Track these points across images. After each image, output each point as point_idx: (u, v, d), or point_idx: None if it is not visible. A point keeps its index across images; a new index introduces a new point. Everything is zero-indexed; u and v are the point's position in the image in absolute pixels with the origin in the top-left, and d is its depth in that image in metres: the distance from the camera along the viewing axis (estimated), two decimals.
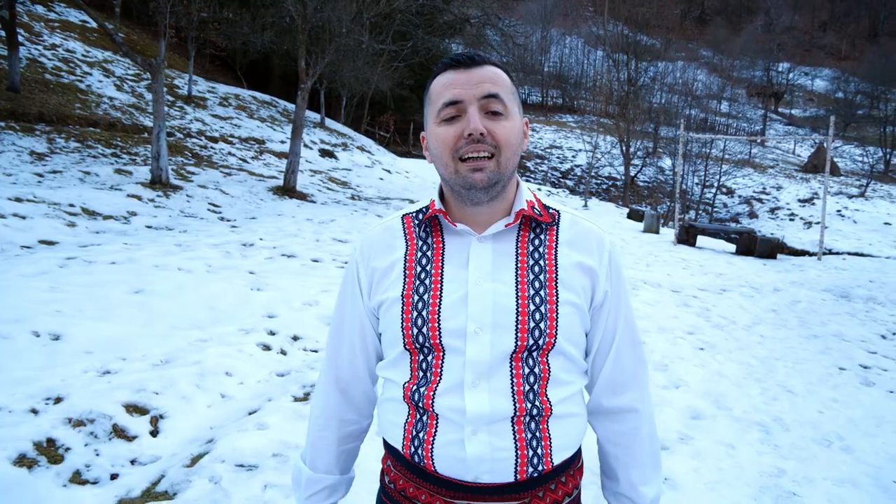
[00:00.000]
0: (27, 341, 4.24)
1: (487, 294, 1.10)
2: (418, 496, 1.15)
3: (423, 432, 1.12)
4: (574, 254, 1.16)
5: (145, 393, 3.77)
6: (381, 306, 1.19)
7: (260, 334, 4.96)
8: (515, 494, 1.10)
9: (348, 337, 1.28)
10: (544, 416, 1.10)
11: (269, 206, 10.46)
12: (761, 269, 11.18)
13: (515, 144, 1.11)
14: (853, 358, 5.87)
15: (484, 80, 1.09)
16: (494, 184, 1.09)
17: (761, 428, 4.14)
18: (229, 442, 3.22)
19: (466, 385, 1.08)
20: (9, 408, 3.45)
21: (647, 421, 1.25)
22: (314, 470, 1.30)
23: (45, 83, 14.02)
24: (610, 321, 1.20)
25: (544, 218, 1.17)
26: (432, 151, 1.15)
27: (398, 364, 1.17)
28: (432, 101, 1.14)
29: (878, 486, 3.48)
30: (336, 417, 1.30)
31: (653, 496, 1.24)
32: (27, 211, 7.21)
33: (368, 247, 1.24)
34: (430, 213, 1.17)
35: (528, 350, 1.09)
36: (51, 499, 2.87)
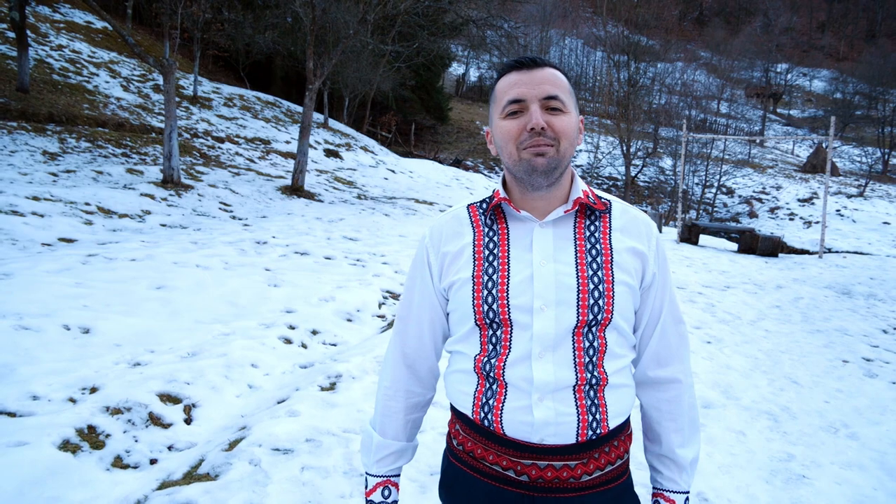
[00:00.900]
0: (58, 334, 4.37)
1: (551, 274, 1.22)
2: (486, 457, 1.26)
3: (492, 399, 1.24)
4: (626, 239, 1.28)
5: (177, 383, 3.91)
6: (451, 287, 1.31)
7: (280, 328, 5.10)
8: (575, 455, 1.22)
9: (416, 316, 1.40)
10: (601, 386, 1.22)
11: (278, 205, 10.60)
12: (763, 266, 11.33)
13: (572, 136, 1.24)
14: (856, 351, 6.02)
15: (545, 81, 1.22)
16: (553, 169, 1.22)
17: (770, 416, 4.29)
18: (264, 428, 3.36)
19: (534, 356, 1.20)
20: (48, 397, 3.59)
21: (687, 390, 1.37)
22: (383, 436, 1.42)
23: (53, 84, 14.15)
24: (657, 300, 1.32)
25: (598, 206, 1.29)
26: (497, 143, 1.28)
27: (469, 339, 1.29)
28: (497, 98, 1.27)
29: (883, 469, 3.63)
30: (403, 389, 1.43)
31: (692, 458, 1.36)
32: (45, 209, 7.35)
33: (438, 234, 1.36)
34: (496, 201, 1.29)
35: (588, 325, 1.21)
36: (96, 481, 3.01)
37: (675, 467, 1.36)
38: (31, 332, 4.26)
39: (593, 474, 1.24)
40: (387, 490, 1.42)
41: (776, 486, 3.35)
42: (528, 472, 1.22)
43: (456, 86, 55.61)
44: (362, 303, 6.06)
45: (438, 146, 37.44)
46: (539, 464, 1.22)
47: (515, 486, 1.24)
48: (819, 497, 3.26)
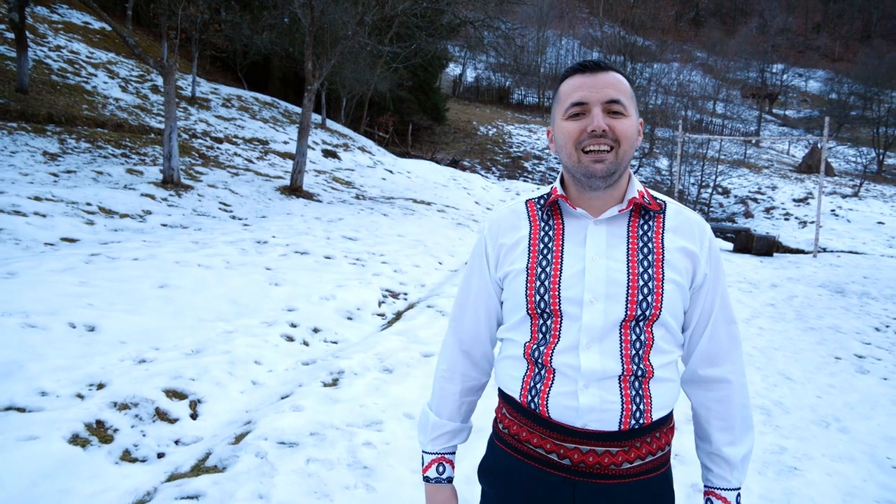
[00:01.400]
0: (64, 332, 4.44)
1: (602, 269, 1.27)
2: (530, 440, 1.31)
3: (540, 384, 1.29)
4: (678, 239, 1.32)
5: (182, 380, 3.99)
6: (506, 277, 1.37)
7: (282, 326, 5.18)
8: (617, 442, 1.26)
9: (473, 304, 1.46)
10: (647, 378, 1.27)
11: (277, 205, 10.67)
12: (758, 265, 11.44)
13: (632, 139, 1.28)
14: (848, 348, 6.12)
15: (608, 85, 1.27)
16: (612, 173, 1.26)
17: (763, 411, 4.38)
18: (269, 422, 3.44)
19: (581, 346, 1.25)
20: (56, 393, 3.66)
21: (738, 390, 1.39)
22: (439, 416, 1.49)
23: (52, 84, 14.19)
24: (708, 300, 1.35)
25: (653, 206, 1.33)
26: (557, 142, 1.33)
27: (520, 327, 1.34)
28: (561, 100, 1.32)
29: (873, 462, 3.72)
30: (459, 373, 1.50)
31: (742, 455, 1.38)
32: (47, 210, 7.41)
33: (496, 226, 1.42)
34: (553, 198, 1.35)
35: (635, 319, 1.26)
36: (106, 474, 3.08)
37: (725, 465, 1.38)
38: (37, 330, 4.33)
39: (634, 463, 1.28)
40: (441, 466, 1.48)
41: (768, 477, 3.44)
42: (570, 455, 1.27)
43: (453, 86, 55.74)
44: (362, 301, 6.14)
45: (436, 146, 37.53)
46: (581, 448, 1.26)
47: (557, 470, 1.28)
48: (810, 488, 3.35)
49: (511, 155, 38.91)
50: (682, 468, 3.41)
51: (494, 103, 56.02)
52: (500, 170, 35.89)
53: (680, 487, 3.19)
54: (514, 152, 39.35)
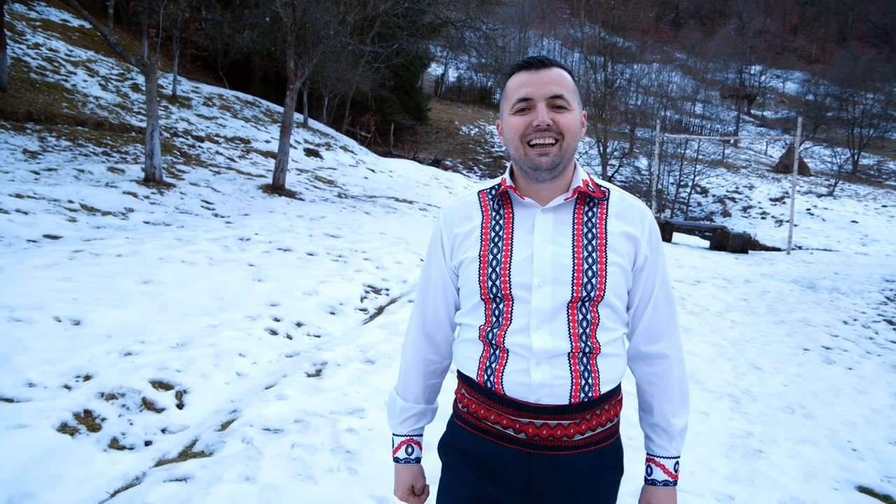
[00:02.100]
0: (49, 326, 4.50)
1: (549, 254, 1.35)
2: (488, 416, 1.39)
3: (495, 363, 1.37)
4: (621, 224, 1.40)
5: (168, 371, 4.07)
6: (461, 265, 1.44)
7: (266, 321, 5.27)
8: (568, 415, 1.34)
9: (433, 291, 1.54)
10: (594, 354, 1.35)
11: (260, 204, 10.73)
12: (733, 262, 11.69)
13: (575, 132, 1.36)
14: (816, 340, 6.34)
15: (551, 81, 1.34)
16: (556, 165, 1.34)
17: (732, 398, 4.55)
18: (254, 410, 3.54)
19: (532, 327, 1.33)
20: (43, 384, 3.73)
21: (677, 365, 1.48)
22: (405, 399, 1.57)
23: (31, 82, 14.10)
24: (649, 280, 1.43)
25: (596, 194, 1.41)
26: (506, 136, 1.40)
27: (475, 311, 1.42)
28: (508, 96, 1.39)
29: (834, 445, 3.91)
30: (422, 357, 1.57)
31: (681, 426, 1.47)
32: (29, 207, 7.42)
33: (451, 217, 1.49)
34: (503, 188, 1.42)
35: (581, 301, 1.34)
36: (95, 461, 3.17)
37: (665, 435, 1.47)
38: (23, 324, 4.38)
39: (585, 434, 1.36)
40: (410, 448, 1.57)
41: (735, 459, 3.61)
42: (525, 430, 1.35)
43: (435, 86, 55.81)
44: (345, 297, 6.24)
45: (418, 146, 37.61)
46: (535, 422, 1.34)
47: (514, 444, 1.36)
48: (773, 469, 3.52)
49: (493, 154, 39.11)
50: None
51: (476, 103, 56.19)
52: (481, 169, 36.07)
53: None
54: (496, 152, 39.54)
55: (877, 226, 24.56)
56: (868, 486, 3.44)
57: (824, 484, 3.40)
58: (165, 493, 2.70)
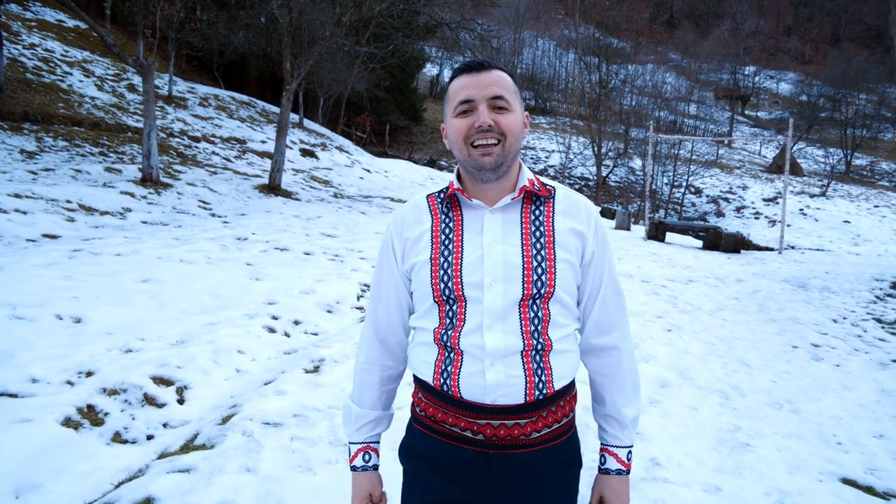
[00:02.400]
0: (51, 323, 4.57)
1: (499, 254, 1.37)
2: (446, 419, 1.40)
3: (451, 366, 1.38)
4: (567, 221, 1.42)
5: (168, 367, 4.15)
6: (413, 268, 1.45)
7: (264, 319, 5.34)
8: (524, 414, 1.37)
9: (385, 296, 1.54)
10: (546, 351, 1.37)
11: (256, 204, 10.79)
12: (726, 262, 11.81)
13: (517, 132, 1.37)
14: (805, 338, 6.44)
15: (492, 83, 1.35)
16: (500, 165, 1.35)
17: (721, 394, 4.65)
18: (254, 405, 3.62)
19: (485, 327, 1.34)
20: (46, 380, 3.81)
21: (627, 356, 1.52)
22: (361, 406, 1.56)
23: (27, 83, 14.13)
24: (597, 274, 1.46)
25: (542, 192, 1.43)
26: (450, 139, 1.42)
27: (429, 314, 1.43)
28: (450, 99, 1.40)
29: (820, 439, 4.01)
30: (377, 363, 1.57)
31: (633, 416, 1.51)
32: (27, 207, 7.48)
33: (401, 221, 1.50)
34: (451, 191, 1.43)
35: (532, 298, 1.35)
36: (99, 454, 3.24)
37: (618, 425, 1.50)
38: (25, 322, 4.46)
39: (542, 431, 1.39)
40: (367, 455, 1.56)
41: (723, 452, 3.70)
42: (483, 431, 1.37)
43: (430, 87, 55.87)
44: (341, 295, 6.32)
45: (413, 146, 37.69)
46: (493, 423, 1.36)
47: (472, 445, 1.38)
48: (760, 462, 3.61)
49: None
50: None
51: None
52: None
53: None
54: None
55: (869, 226, 24.76)
56: (852, 478, 3.53)
57: (809, 476, 3.50)
58: (169, 484, 2.78)
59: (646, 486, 3.20)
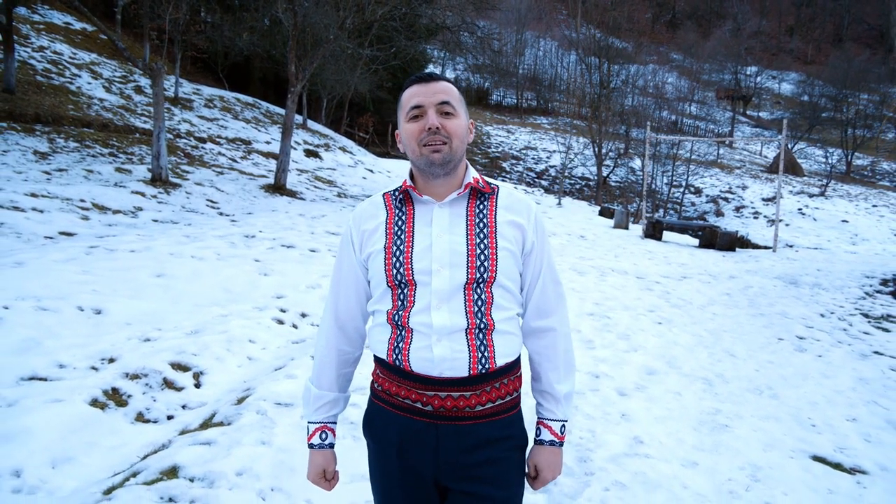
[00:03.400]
0: (73, 314, 4.86)
1: (446, 242, 1.53)
2: (399, 392, 1.55)
3: (402, 343, 1.53)
4: (508, 214, 1.59)
5: (185, 354, 4.43)
6: (369, 257, 1.61)
7: (273, 311, 5.62)
8: (469, 387, 1.51)
9: (345, 285, 1.69)
10: (489, 330, 1.52)
11: (262, 203, 11.08)
12: (720, 260, 12.07)
13: (462, 135, 1.56)
14: (792, 331, 6.70)
15: (439, 91, 1.53)
16: (448, 162, 1.52)
17: (705, 381, 4.92)
18: (266, 387, 3.91)
19: (432, 307, 1.50)
20: (73, 365, 4.09)
21: (563, 338, 1.69)
22: (319, 388, 1.70)
23: (37, 85, 14.44)
24: (536, 263, 1.64)
25: (486, 189, 1.61)
26: (404, 142, 1.59)
27: (383, 298, 1.58)
28: (403, 106, 1.57)
29: (795, 421, 4.28)
30: (335, 348, 1.70)
31: (566, 392, 1.67)
32: (44, 206, 7.77)
33: (359, 216, 1.66)
34: (404, 188, 1.60)
35: (475, 282, 1.51)
36: (124, 431, 3.53)
37: (553, 400, 1.66)
38: (49, 313, 4.74)
39: (486, 405, 1.53)
40: (324, 434, 1.69)
41: (702, 432, 3.98)
42: (431, 402, 1.51)
43: None
44: None
45: None
46: (440, 395, 1.50)
47: (422, 416, 1.52)
48: (737, 441, 3.88)
49: (489, 155, 39.50)
50: None
51: (473, 104, 56.62)
52: (478, 170, 36.21)
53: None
54: (493, 152, 39.95)
55: (867, 225, 25.00)
56: (822, 456, 3.80)
57: (782, 453, 3.77)
58: (192, 455, 3.06)
59: (627, 461, 3.47)
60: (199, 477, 2.89)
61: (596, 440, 3.74)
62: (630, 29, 59.72)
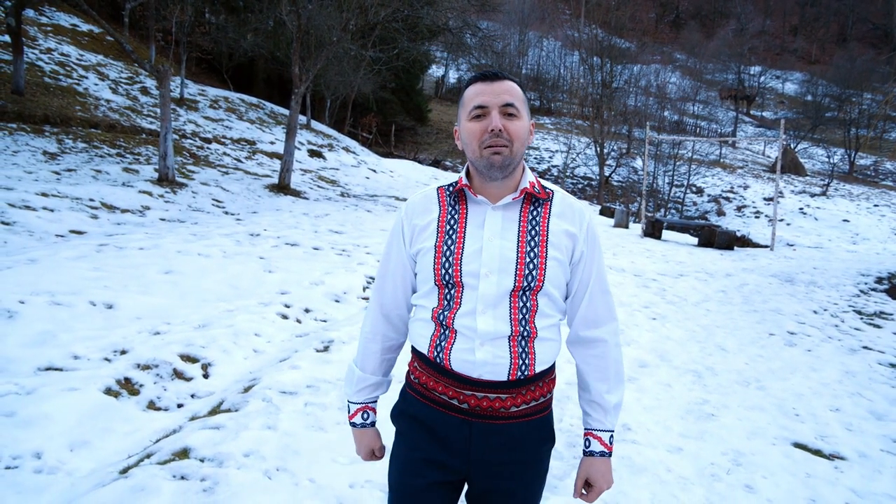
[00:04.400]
0: (86, 309, 5.05)
1: (496, 248, 1.51)
2: (436, 388, 1.57)
3: (444, 342, 1.54)
4: (562, 223, 1.56)
5: (193, 347, 4.61)
6: (419, 253, 1.59)
7: (277, 307, 5.81)
8: (506, 390, 1.52)
9: (392, 275, 1.69)
10: (531, 338, 1.52)
11: (267, 202, 11.28)
12: (718, 258, 12.22)
13: (524, 138, 1.52)
14: (783, 326, 6.87)
15: (504, 91, 1.49)
16: (507, 165, 1.49)
17: (695, 374, 5.09)
18: (271, 377, 4.09)
19: (478, 312, 1.49)
20: (87, 357, 4.28)
21: (613, 348, 1.67)
22: (364, 371, 1.74)
23: (45, 86, 14.66)
24: (585, 272, 1.61)
25: (542, 195, 1.57)
26: (464, 140, 1.55)
27: (430, 295, 1.58)
28: (465, 104, 1.54)
29: (779, 411, 4.44)
30: (380, 333, 1.73)
31: (615, 403, 1.66)
32: (54, 205, 7.98)
33: (412, 209, 1.64)
34: (459, 186, 1.58)
35: (522, 289, 1.50)
36: (137, 418, 3.72)
37: (601, 410, 1.65)
38: (63, 307, 4.93)
39: (520, 406, 1.54)
40: (366, 414, 1.74)
41: (689, 421, 4.15)
42: (468, 401, 1.53)
43: (435, 88, 56.33)
44: (348, 286, 6.78)
45: (418, 147, 38.17)
46: (477, 395, 1.52)
47: (457, 412, 1.54)
48: (722, 429, 4.06)
49: None
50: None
51: None
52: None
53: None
54: None
55: (868, 224, 25.09)
56: (803, 443, 3.97)
57: (764, 440, 3.94)
58: (203, 438, 3.25)
59: (615, 446, 3.65)
60: (209, 458, 3.08)
61: None
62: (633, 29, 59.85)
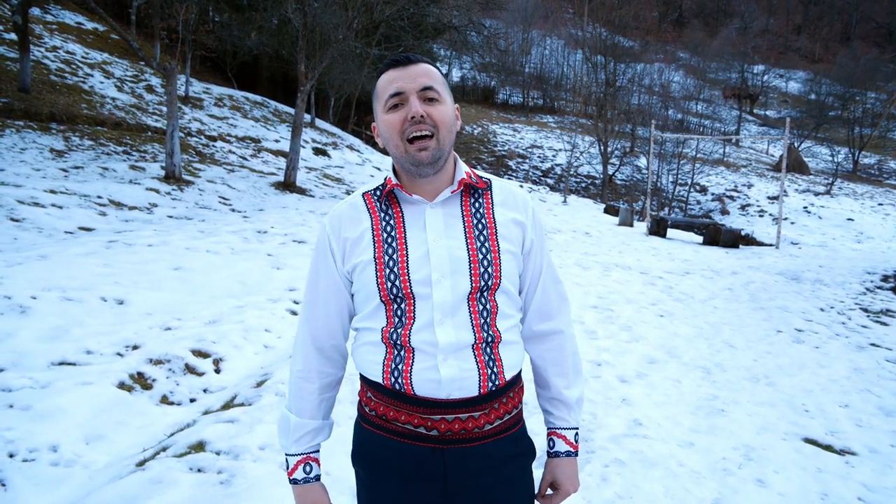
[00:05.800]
0: (98, 304, 5.08)
1: (444, 249, 1.35)
2: (398, 417, 1.36)
3: (401, 364, 1.34)
4: (507, 212, 1.43)
5: (205, 342, 4.64)
6: (354, 269, 1.40)
7: (286, 303, 5.84)
8: (478, 406, 1.36)
9: (323, 300, 1.46)
10: (496, 343, 1.38)
11: (273, 200, 11.31)
12: (723, 256, 12.23)
13: (449, 123, 1.36)
14: (791, 324, 6.87)
15: (420, 74, 1.34)
16: (438, 159, 1.34)
17: (704, 370, 5.10)
18: (283, 372, 4.12)
19: (436, 323, 1.33)
20: (100, 352, 4.31)
21: (569, 340, 1.55)
22: (300, 416, 1.47)
23: (51, 84, 14.71)
24: (536, 262, 1.49)
25: (480, 185, 1.43)
26: (384, 136, 1.38)
27: (375, 315, 1.38)
28: (379, 95, 1.37)
29: (789, 407, 4.45)
30: (315, 370, 1.47)
31: (577, 397, 1.53)
32: (62, 202, 8.01)
33: (337, 221, 1.43)
34: (389, 187, 1.40)
35: (480, 291, 1.35)
36: (150, 412, 3.74)
37: (563, 407, 1.52)
38: (75, 303, 4.96)
39: (494, 423, 1.38)
40: (308, 466, 1.47)
41: (699, 416, 4.16)
42: (437, 426, 1.34)
43: None
44: None
45: None
46: (447, 417, 1.34)
47: (426, 441, 1.35)
48: (732, 424, 4.07)
49: (496, 153, 39.66)
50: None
51: (480, 103, 56.80)
52: (484, 168, 36.61)
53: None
54: (499, 151, 40.10)
55: (872, 223, 25.08)
56: (813, 438, 3.98)
57: (774, 436, 3.95)
58: (218, 431, 3.27)
59: (626, 441, 3.66)
60: (224, 451, 3.10)
61: (597, 422, 3.93)
62: (637, 27, 59.75)
